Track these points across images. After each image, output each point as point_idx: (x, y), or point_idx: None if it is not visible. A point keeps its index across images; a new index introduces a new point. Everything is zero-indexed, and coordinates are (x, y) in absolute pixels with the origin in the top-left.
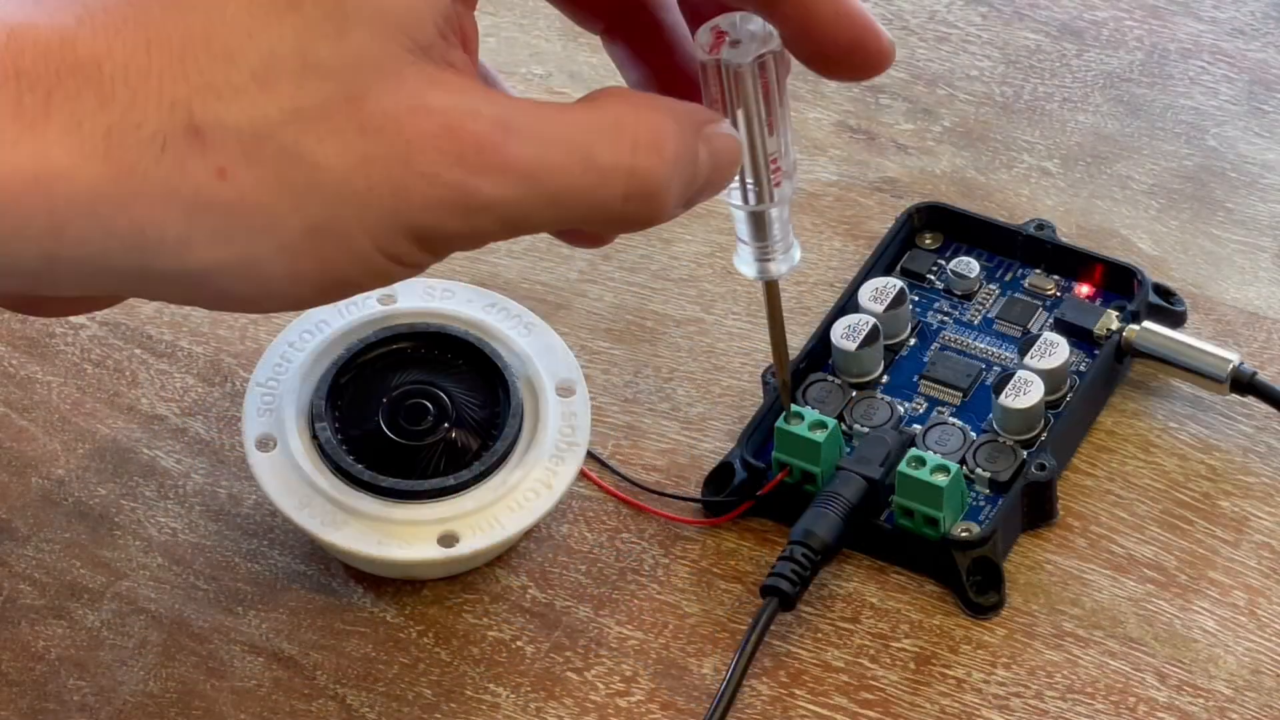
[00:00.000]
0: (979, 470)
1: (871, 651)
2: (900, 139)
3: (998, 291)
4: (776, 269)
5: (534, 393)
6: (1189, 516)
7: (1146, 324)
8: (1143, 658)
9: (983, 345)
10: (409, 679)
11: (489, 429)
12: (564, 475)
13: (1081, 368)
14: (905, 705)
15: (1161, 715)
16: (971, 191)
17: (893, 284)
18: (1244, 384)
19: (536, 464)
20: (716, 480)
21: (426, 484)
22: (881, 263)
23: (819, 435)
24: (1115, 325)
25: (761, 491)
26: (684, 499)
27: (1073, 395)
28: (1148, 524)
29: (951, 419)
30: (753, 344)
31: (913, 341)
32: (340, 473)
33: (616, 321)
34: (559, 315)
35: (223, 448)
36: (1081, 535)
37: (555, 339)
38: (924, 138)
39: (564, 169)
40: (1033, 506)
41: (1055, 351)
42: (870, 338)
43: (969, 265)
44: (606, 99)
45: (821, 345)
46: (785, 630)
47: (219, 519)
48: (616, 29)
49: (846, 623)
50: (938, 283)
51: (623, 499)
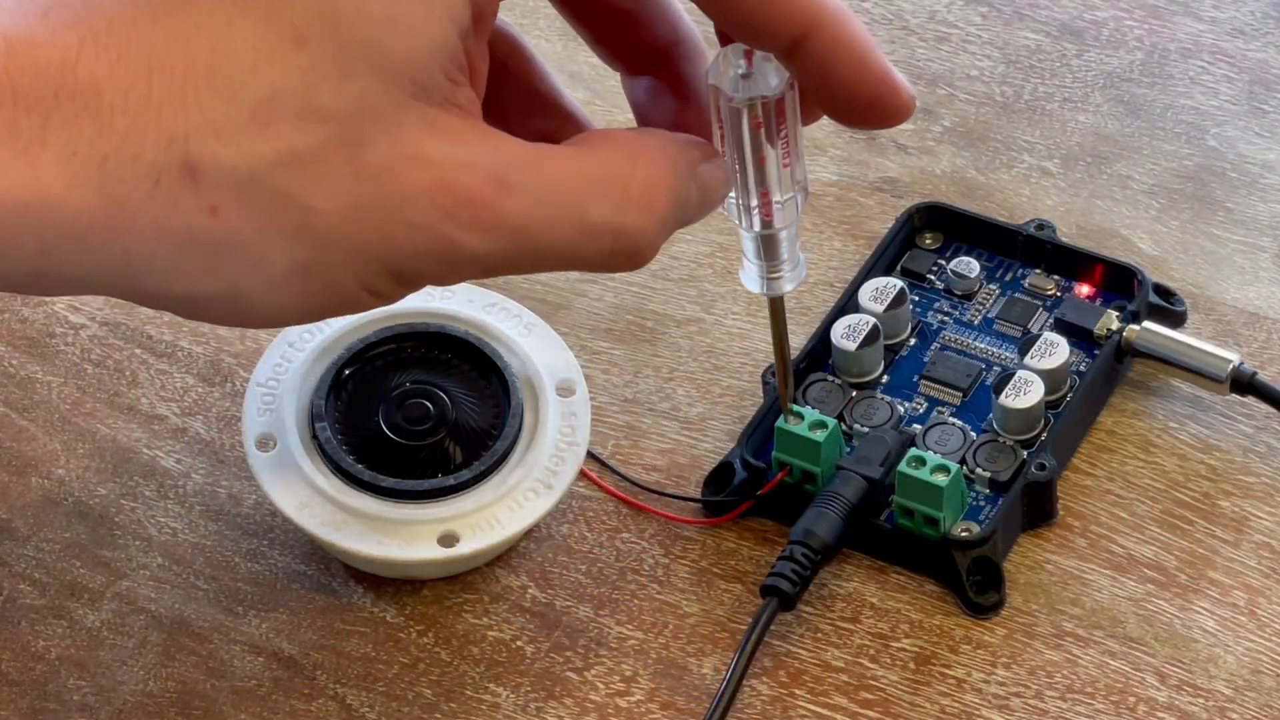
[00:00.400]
0: (979, 470)
1: (871, 651)
2: (900, 139)
3: (998, 291)
4: (783, 286)
5: (534, 393)
6: (1189, 516)
7: (1146, 324)
8: (1143, 658)
9: (983, 345)
10: (409, 679)
11: (489, 429)
12: (564, 475)
13: (1081, 368)
14: (905, 705)
15: (1161, 715)
16: (971, 191)
17: (893, 284)
18: (1244, 384)
19: (536, 464)
20: (716, 480)
21: (426, 484)
22: (882, 263)
23: (819, 435)
24: (1115, 325)
25: (761, 491)
26: (684, 499)
27: (1073, 395)
28: (1148, 524)
29: (951, 419)
30: (753, 344)
31: (913, 341)
32: (340, 473)
33: (616, 321)
34: (559, 315)
35: (223, 448)
36: (1081, 535)
37: (555, 339)
38: (924, 138)
39: (555, 226)
40: (1033, 506)
41: (1055, 351)
42: (870, 338)
43: (969, 265)
44: (605, 145)
45: (821, 345)
46: (785, 630)
47: (219, 519)
48: (638, 71)
49: (846, 623)
50: (938, 283)
51: (623, 499)
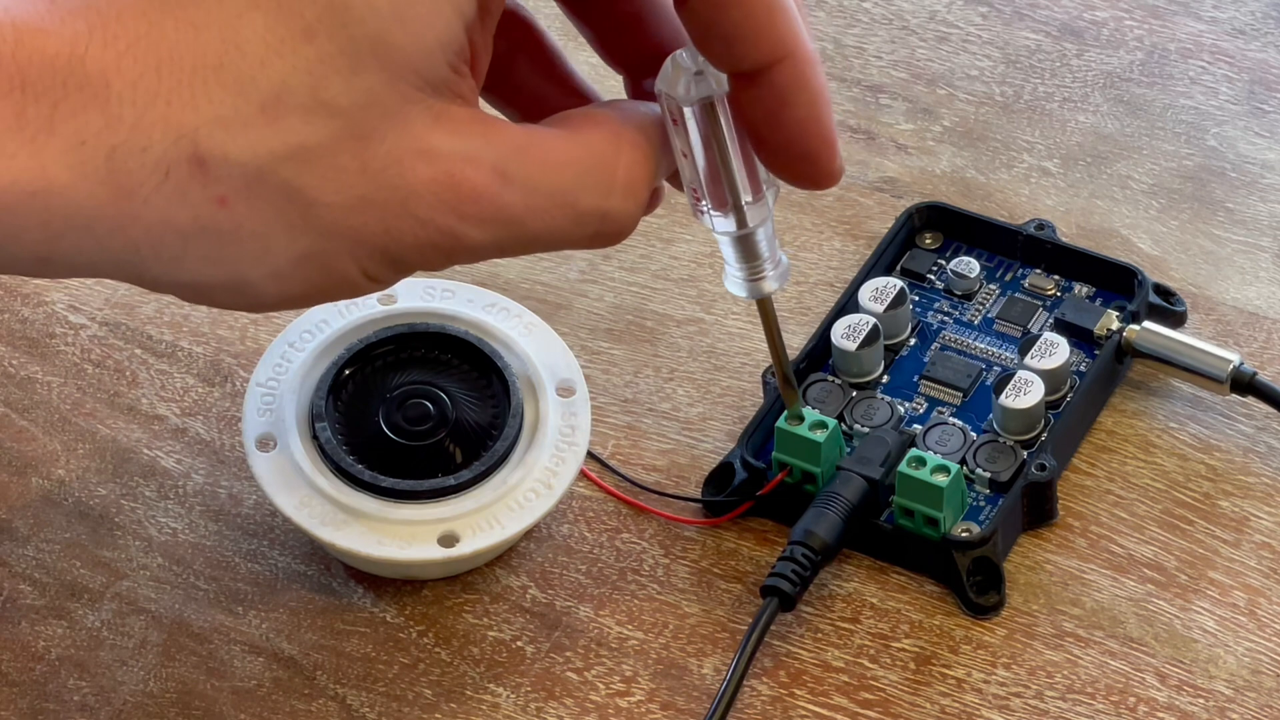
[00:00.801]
0: (979, 470)
1: (871, 651)
2: (900, 139)
3: (998, 291)
4: (768, 287)
5: (534, 393)
6: (1189, 516)
7: (1147, 324)
8: (1143, 658)
9: (983, 345)
10: (409, 679)
11: (489, 429)
12: (564, 475)
13: (1082, 368)
14: (905, 705)
15: (1161, 715)
16: (971, 191)
17: (893, 284)
18: (1244, 384)
19: (536, 464)
20: (716, 480)
21: (426, 484)
22: (882, 263)
23: (819, 435)
24: (1115, 325)
25: (761, 491)
26: (684, 499)
27: (1073, 395)
28: (1148, 524)
29: (952, 419)
30: (753, 344)
31: (913, 341)
32: (340, 473)
33: (616, 321)
34: (559, 315)
35: (223, 448)
36: (1081, 535)
37: (555, 339)
38: (924, 138)
39: (548, 214)
40: (1033, 506)
41: (1055, 351)
42: (870, 338)
43: (969, 265)
44: (590, 128)
45: (821, 345)
46: (785, 630)
47: (219, 519)
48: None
49: (846, 623)
50: (938, 283)
51: (623, 499)
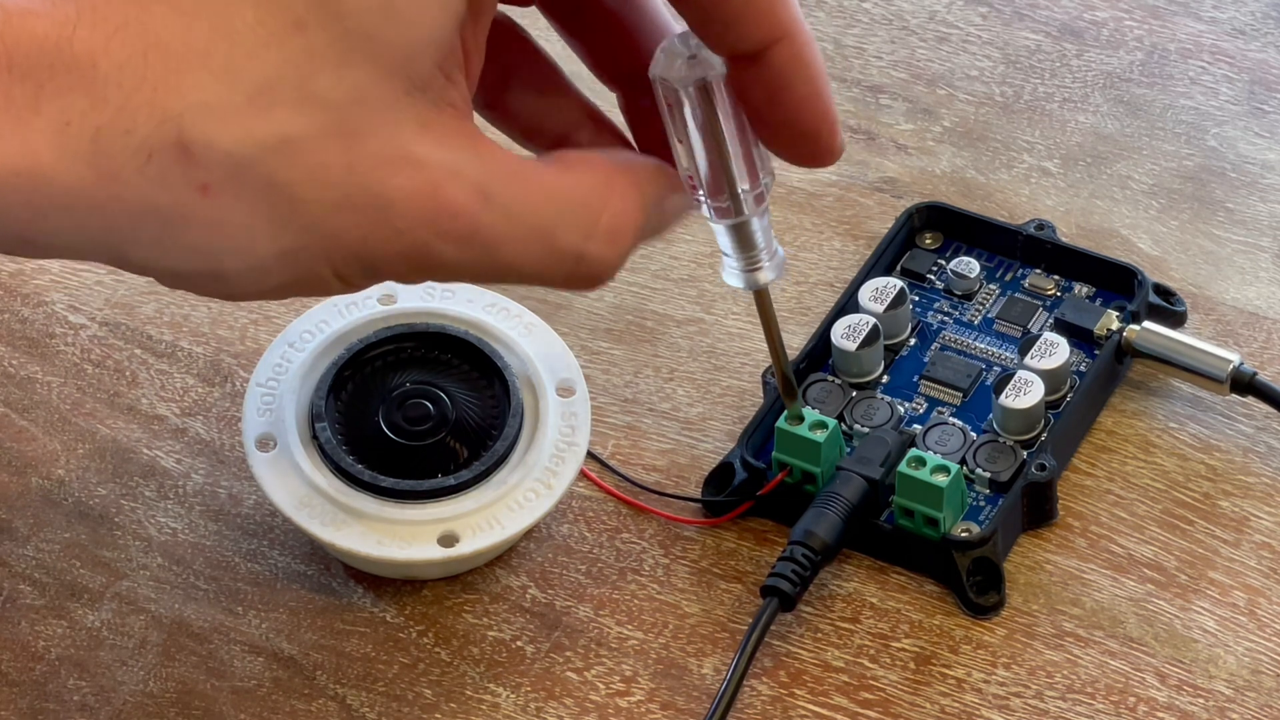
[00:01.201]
0: (979, 470)
1: (871, 651)
2: (900, 139)
3: (998, 291)
4: (765, 277)
5: (534, 393)
6: (1189, 516)
7: (1147, 324)
8: (1143, 658)
9: (983, 345)
10: (409, 679)
11: (489, 429)
12: (564, 475)
13: (1081, 368)
14: (905, 705)
15: (1161, 715)
16: (971, 191)
17: (893, 284)
18: (1244, 385)
19: (536, 464)
20: (716, 480)
21: (426, 484)
22: (882, 263)
23: (819, 435)
24: (1115, 325)
25: (761, 491)
26: (684, 499)
27: (1073, 395)
28: (1148, 524)
29: (952, 419)
30: (753, 344)
31: (913, 341)
32: (340, 473)
33: (616, 321)
34: (559, 315)
35: (223, 448)
36: (1081, 535)
37: (555, 339)
38: (924, 138)
39: (524, 245)
40: (1033, 506)
41: (1055, 352)
42: (870, 338)
43: (969, 265)
44: (583, 169)
45: (821, 345)
46: (785, 630)
47: (219, 519)
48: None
49: (846, 623)
50: (938, 283)
51: (623, 499)
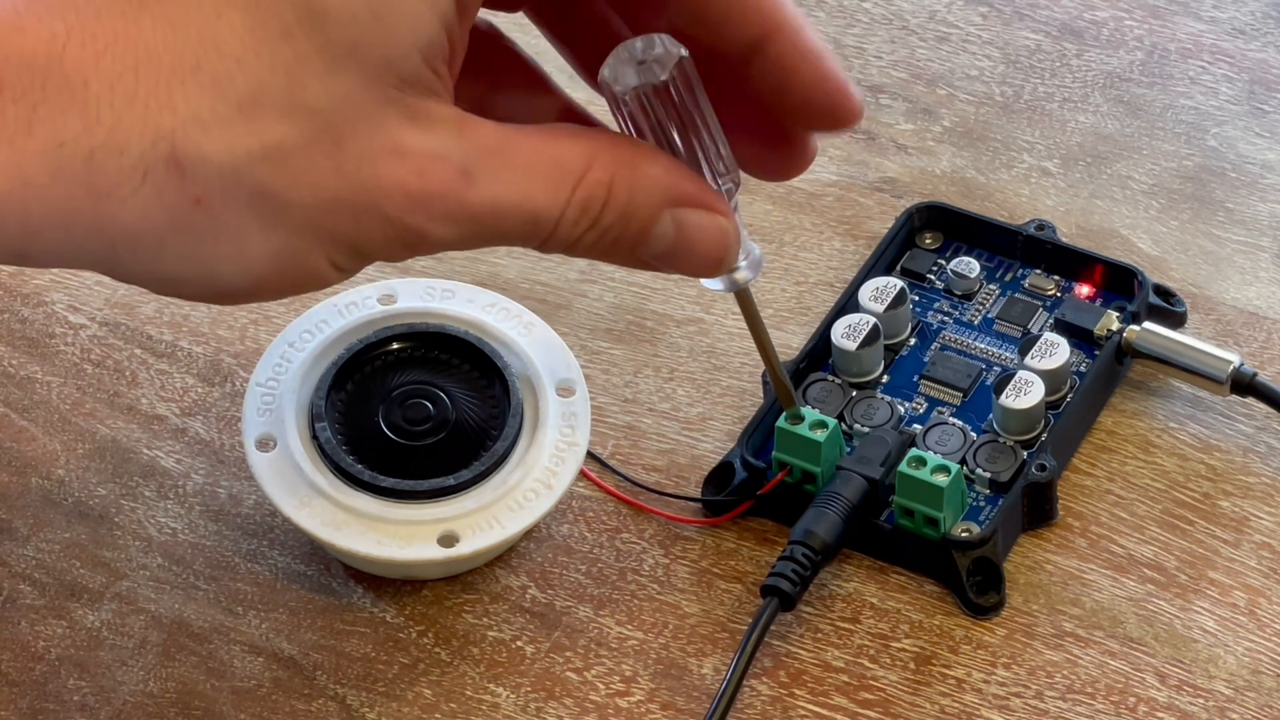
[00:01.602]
0: (979, 470)
1: (871, 651)
2: (900, 139)
3: (998, 291)
4: (743, 276)
5: (534, 393)
6: (1189, 516)
7: (1147, 325)
8: (1143, 658)
9: (983, 345)
10: (409, 679)
11: (489, 429)
12: (564, 475)
13: (1082, 368)
14: (905, 705)
15: (1161, 715)
16: (971, 191)
17: (893, 284)
18: (1244, 385)
19: (536, 464)
20: (716, 480)
21: (426, 484)
22: (882, 263)
23: (819, 435)
24: (1115, 326)
25: (761, 491)
26: (684, 499)
27: (1073, 396)
28: (1148, 524)
29: (952, 419)
30: (752, 344)
31: (913, 341)
32: (340, 473)
33: (616, 321)
34: (559, 315)
35: (223, 448)
36: (1081, 535)
37: (555, 339)
38: (924, 138)
39: (508, 217)
40: (1033, 507)
41: (1055, 352)
42: (870, 338)
43: (969, 265)
44: (571, 140)
45: (821, 345)
46: (785, 630)
47: (219, 519)
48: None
49: (846, 623)
50: (938, 283)
51: (623, 499)
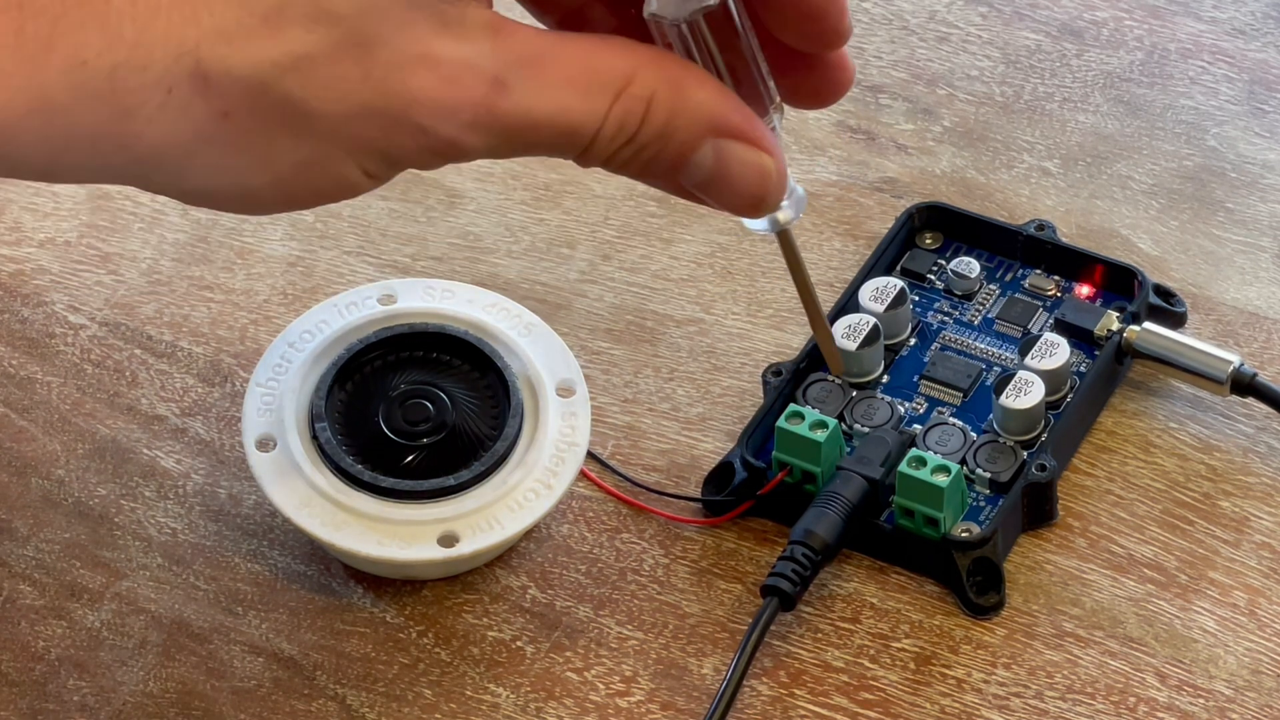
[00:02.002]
0: (979, 470)
1: (872, 651)
2: (900, 139)
3: (998, 291)
4: (785, 215)
5: (534, 393)
6: (1189, 516)
7: (1147, 325)
8: (1143, 658)
9: (983, 345)
10: (409, 679)
11: (489, 429)
12: (564, 475)
13: (1082, 368)
14: (905, 705)
15: (1161, 715)
16: (971, 191)
17: (893, 284)
18: (1244, 385)
19: (536, 464)
20: (716, 480)
21: (426, 484)
22: (882, 263)
23: (819, 435)
24: (1116, 326)
25: (761, 491)
26: (684, 499)
27: (1073, 396)
28: (1148, 524)
29: (952, 419)
30: (753, 344)
31: (913, 341)
32: (340, 473)
33: (616, 321)
34: (559, 315)
35: (223, 448)
36: (1081, 535)
37: (555, 339)
38: (924, 138)
39: (541, 129)
40: (1033, 507)
41: (1056, 352)
42: (870, 338)
43: (969, 265)
44: (613, 52)
45: None
46: (785, 630)
47: (219, 519)
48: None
49: (846, 623)
50: (938, 283)
51: (623, 499)
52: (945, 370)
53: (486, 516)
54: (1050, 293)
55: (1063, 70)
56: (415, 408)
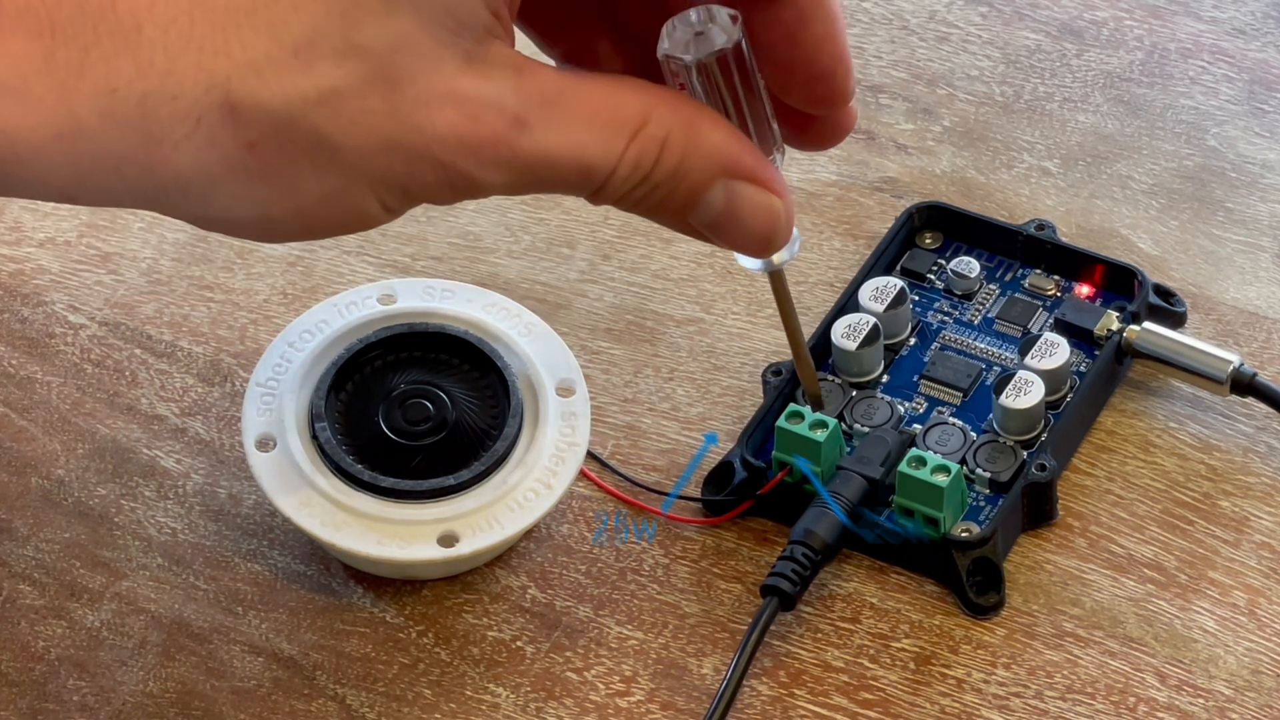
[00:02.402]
0: (979, 470)
1: (871, 651)
2: (900, 139)
3: (998, 291)
4: (780, 256)
5: (534, 393)
6: (1189, 516)
7: (1147, 325)
8: (1143, 658)
9: (983, 345)
10: (409, 679)
11: (489, 429)
12: (564, 475)
13: (1082, 368)
14: (905, 705)
15: (1161, 715)
16: (971, 191)
17: (893, 284)
18: (1244, 385)
19: (536, 464)
20: (716, 480)
21: (426, 484)
22: (882, 262)
23: (819, 435)
24: (1115, 326)
25: (761, 491)
26: (684, 499)
27: (1073, 395)
28: (1148, 524)
29: (952, 419)
30: (753, 344)
31: (913, 341)
32: (340, 473)
33: (616, 321)
34: (559, 315)
35: (223, 448)
36: (1081, 535)
37: (555, 339)
38: (924, 138)
39: (560, 167)
40: (1033, 507)
41: (1056, 352)
42: (870, 337)
43: (969, 265)
44: (630, 92)
45: (822, 345)
46: (785, 630)
47: (219, 519)
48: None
49: (846, 623)
50: (938, 283)
51: (623, 499)
52: (945, 370)
53: (486, 516)
54: (1050, 292)
55: (1063, 70)
56: (415, 408)
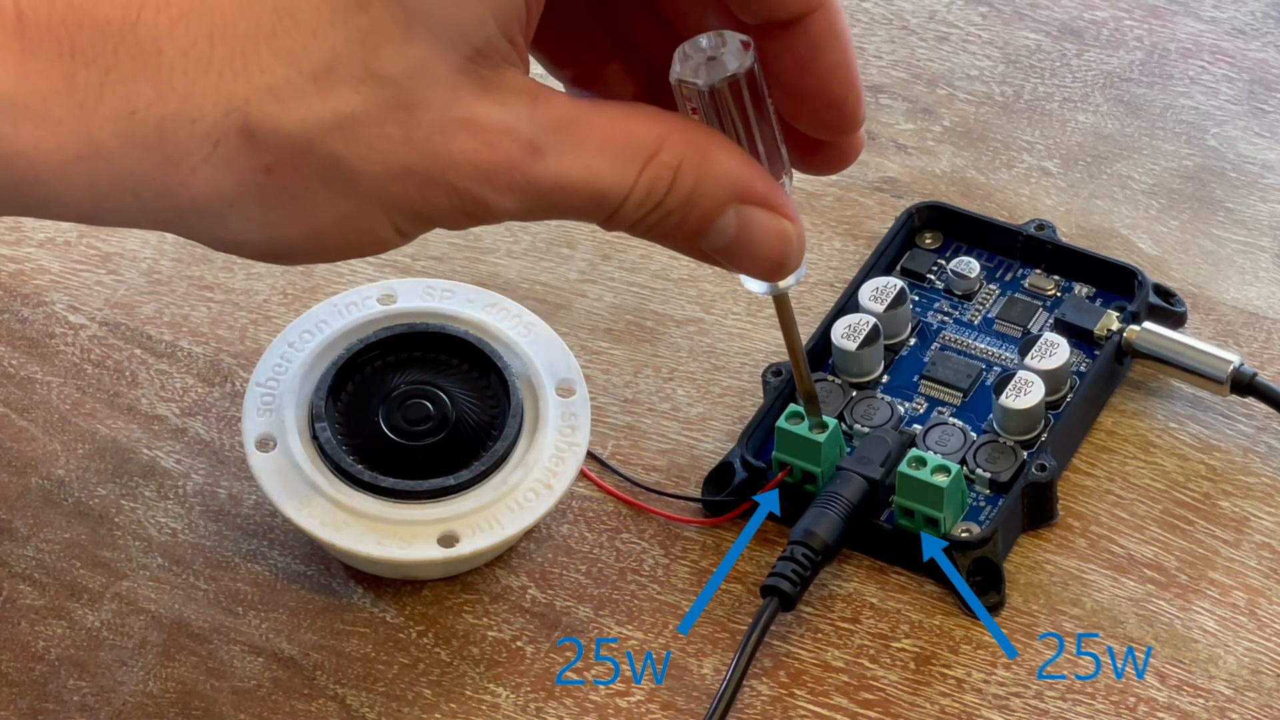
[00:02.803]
0: (979, 470)
1: (871, 651)
2: (900, 139)
3: (998, 291)
4: (785, 281)
5: (534, 393)
6: (1189, 516)
7: (1147, 325)
8: (1143, 658)
9: (983, 345)
10: (409, 679)
11: (489, 429)
12: (564, 475)
13: (1082, 368)
14: (905, 705)
15: (1161, 715)
16: (971, 191)
17: (893, 284)
18: (1244, 385)
19: (536, 464)
20: (716, 480)
21: (426, 484)
22: (882, 263)
23: (819, 435)
24: (1115, 326)
25: (761, 491)
26: (684, 499)
27: (1073, 396)
28: (1148, 524)
29: (952, 419)
30: (753, 344)
31: (913, 341)
32: (340, 473)
33: (616, 321)
34: (559, 315)
35: (223, 448)
36: (1081, 535)
37: (555, 339)
38: (924, 138)
39: (573, 193)
40: (1033, 507)
41: (1056, 352)
42: (870, 338)
43: (969, 265)
44: (645, 120)
45: (822, 345)
46: (785, 630)
47: (219, 519)
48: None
49: (846, 623)
50: (938, 283)
51: (623, 499)
52: (945, 370)
53: (486, 516)
54: (1050, 292)
55: (1063, 70)
56: (415, 408)
